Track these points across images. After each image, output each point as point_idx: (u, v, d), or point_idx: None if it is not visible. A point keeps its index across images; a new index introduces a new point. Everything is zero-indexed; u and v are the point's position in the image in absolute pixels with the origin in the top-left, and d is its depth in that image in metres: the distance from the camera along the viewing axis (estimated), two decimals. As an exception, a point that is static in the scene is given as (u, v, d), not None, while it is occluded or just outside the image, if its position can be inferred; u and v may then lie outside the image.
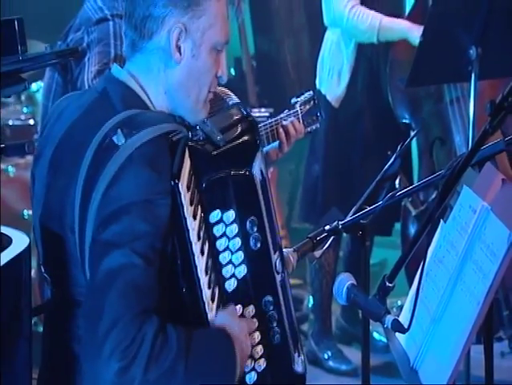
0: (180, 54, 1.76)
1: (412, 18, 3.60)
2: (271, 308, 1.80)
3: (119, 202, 1.61)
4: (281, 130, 2.54)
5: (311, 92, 2.66)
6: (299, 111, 2.59)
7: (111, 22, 2.57)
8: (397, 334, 1.83)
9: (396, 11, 3.65)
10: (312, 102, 2.64)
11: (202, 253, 1.69)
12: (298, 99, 2.62)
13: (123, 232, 1.60)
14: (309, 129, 2.66)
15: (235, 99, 1.91)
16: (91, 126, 1.71)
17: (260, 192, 1.78)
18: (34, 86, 4.13)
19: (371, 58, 3.65)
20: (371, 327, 2.27)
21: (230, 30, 1.85)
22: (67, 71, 2.63)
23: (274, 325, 1.80)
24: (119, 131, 1.65)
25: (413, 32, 3.43)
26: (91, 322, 1.60)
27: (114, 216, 1.61)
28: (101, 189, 1.63)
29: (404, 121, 3.66)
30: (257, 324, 1.77)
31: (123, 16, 1.82)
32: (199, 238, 1.68)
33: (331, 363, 3.80)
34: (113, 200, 1.62)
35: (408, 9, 3.76)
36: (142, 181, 1.62)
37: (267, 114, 4.03)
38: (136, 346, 1.54)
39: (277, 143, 2.58)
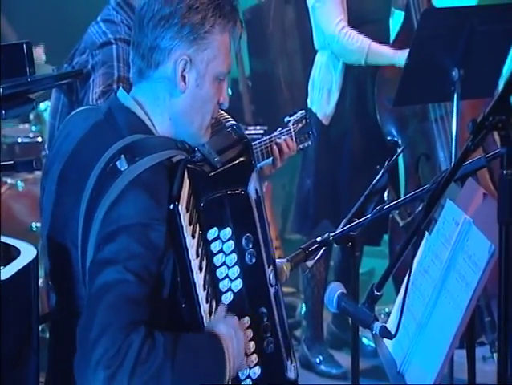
0: (185, 83, 1.76)
1: (397, 42, 3.61)
2: (265, 319, 1.80)
3: (118, 223, 1.61)
4: (275, 147, 2.54)
5: (303, 111, 2.66)
6: (292, 130, 2.59)
7: (114, 46, 2.57)
8: (385, 339, 1.82)
9: (381, 37, 3.66)
10: (304, 120, 2.64)
11: (200, 269, 1.68)
12: (291, 118, 2.62)
13: (119, 251, 1.60)
14: (301, 146, 2.66)
15: (231, 121, 1.91)
16: (97, 147, 1.71)
17: (255, 210, 1.78)
18: (42, 105, 4.13)
19: (358, 78, 3.65)
20: (360, 333, 2.27)
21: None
22: (73, 92, 2.63)
23: (268, 335, 1.80)
24: (122, 156, 1.65)
25: (399, 58, 3.43)
26: (82, 332, 1.59)
27: (112, 236, 1.61)
28: (103, 211, 1.63)
29: (391, 138, 3.65)
30: (249, 322, 1.76)
31: (132, 44, 1.81)
32: (197, 255, 1.68)
33: (322, 367, 3.79)
34: (112, 221, 1.62)
35: (392, 36, 3.76)
36: (140, 206, 1.62)
37: (262, 131, 4.04)
38: (122, 354, 1.53)
39: (270, 159, 2.58)
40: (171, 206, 1.62)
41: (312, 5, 3.61)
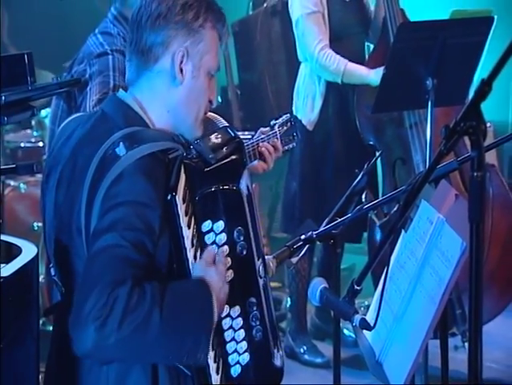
0: (183, 75, 1.77)
1: (375, 54, 3.61)
2: (254, 308, 1.79)
3: (117, 199, 1.61)
4: (263, 149, 2.53)
5: (288, 115, 2.65)
6: (278, 132, 2.58)
7: (110, 56, 2.56)
8: (364, 330, 1.82)
9: (360, 49, 3.66)
10: (289, 123, 2.63)
11: (195, 258, 1.68)
12: (277, 121, 2.61)
13: (117, 220, 1.59)
14: (286, 147, 2.64)
15: (224, 123, 1.91)
16: (96, 140, 1.71)
17: (246, 205, 1.77)
18: (43, 112, 4.11)
19: (340, 87, 3.65)
20: (341, 325, 2.28)
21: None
22: (71, 99, 2.62)
23: (257, 323, 1.79)
24: (121, 144, 1.65)
25: (372, 78, 3.44)
26: (77, 293, 1.58)
27: (110, 208, 1.60)
28: (103, 191, 1.62)
29: (369, 143, 3.65)
30: (228, 264, 1.73)
31: (129, 45, 1.82)
32: (192, 245, 1.68)
33: (306, 357, 3.79)
34: (112, 197, 1.61)
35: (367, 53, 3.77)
36: (139, 187, 1.62)
37: (249, 136, 4.03)
38: (110, 304, 1.51)
39: (256, 161, 2.57)
40: (169, 196, 1.62)
41: (295, 22, 3.61)
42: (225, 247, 1.74)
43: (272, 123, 2.60)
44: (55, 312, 1.90)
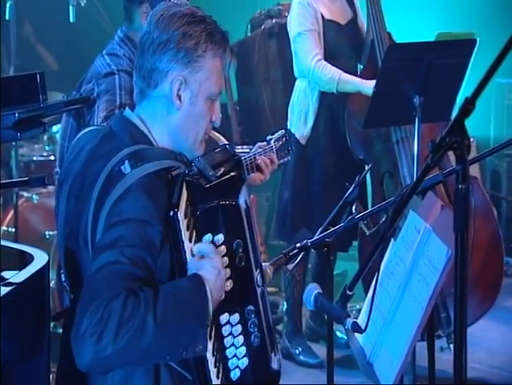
0: (181, 101, 1.75)
1: (364, 73, 3.62)
2: (253, 316, 1.78)
3: (120, 216, 1.60)
4: (260, 161, 2.53)
5: (283, 130, 2.65)
6: (274, 146, 2.58)
7: (116, 76, 2.56)
8: (356, 333, 1.82)
9: (352, 70, 3.67)
10: (284, 138, 2.63)
11: None
12: (273, 136, 2.61)
13: (117, 238, 1.58)
14: (282, 161, 2.64)
15: (225, 141, 1.91)
16: (103, 157, 1.70)
17: (244, 218, 1.77)
18: (54, 128, 4.11)
19: (331, 104, 3.66)
20: (334, 327, 2.27)
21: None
22: (80, 116, 2.62)
23: (255, 330, 1.78)
24: (126, 162, 1.65)
25: (365, 86, 3.45)
26: (77, 310, 1.57)
27: (112, 226, 1.60)
28: (108, 207, 1.62)
29: (359, 157, 3.65)
30: (228, 275, 1.72)
31: (135, 68, 1.81)
32: (193, 257, 1.66)
33: (301, 357, 3.78)
34: (115, 214, 1.61)
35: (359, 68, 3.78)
36: (141, 205, 1.61)
37: (248, 150, 4.03)
38: (105, 319, 1.49)
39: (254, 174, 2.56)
40: (171, 213, 1.61)
41: (293, 38, 3.62)
42: (229, 281, 1.72)
43: (268, 138, 2.60)
44: (64, 317, 1.89)
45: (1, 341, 1.71)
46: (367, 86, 3.40)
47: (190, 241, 1.65)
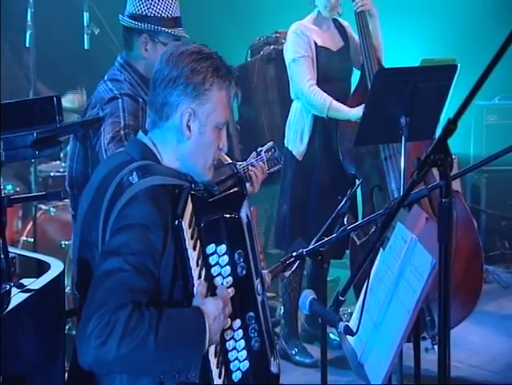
0: (190, 131, 1.75)
1: (355, 95, 3.62)
2: (253, 322, 1.78)
3: (125, 221, 1.61)
4: (251, 173, 2.54)
5: (272, 143, 2.65)
6: (264, 157, 2.59)
7: (120, 100, 2.55)
8: (348, 336, 1.81)
9: (344, 92, 3.67)
10: (273, 149, 2.63)
11: (200, 276, 1.67)
12: (263, 148, 2.62)
13: (122, 245, 1.59)
14: (272, 170, 2.64)
15: (228, 160, 1.92)
16: (115, 169, 1.72)
17: (246, 231, 1.77)
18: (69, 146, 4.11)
19: (325, 124, 3.66)
20: (328, 330, 2.26)
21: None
22: (86, 139, 2.63)
23: (256, 335, 1.78)
24: (134, 173, 1.67)
25: (352, 114, 3.45)
26: (84, 309, 1.57)
27: (118, 231, 1.61)
28: (115, 213, 1.64)
29: (350, 172, 3.65)
30: (231, 294, 1.72)
31: (148, 103, 1.82)
32: (197, 265, 1.66)
33: (297, 358, 3.76)
34: (121, 219, 1.62)
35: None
36: (144, 210, 1.62)
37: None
38: (112, 325, 1.50)
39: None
40: (176, 222, 1.62)
41: (289, 64, 3.64)
42: (231, 288, 1.72)
43: (259, 149, 2.61)
44: (76, 315, 1.89)
45: (22, 343, 1.71)
46: (355, 113, 3.42)
47: (194, 249, 1.65)
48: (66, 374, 2.05)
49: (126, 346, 1.50)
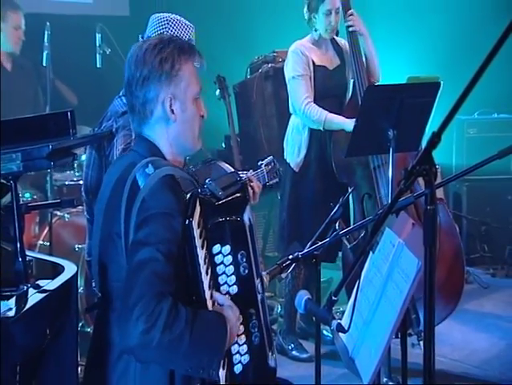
0: (174, 113, 1.76)
1: (347, 109, 3.63)
2: (253, 318, 1.78)
3: (149, 212, 1.62)
4: (252, 184, 2.54)
5: (271, 157, 2.66)
6: (264, 170, 2.60)
7: None
8: (340, 333, 1.80)
9: (339, 107, 3.68)
10: (272, 163, 2.64)
11: (206, 273, 1.68)
12: (263, 162, 2.62)
13: (150, 234, 1.60)
14: (271, 182, 2.64)
15: (231, 169, 1.93)
16: (129, 168, 1.71)
17: (248, 233, 1.77)
18: (83, 157, 4.10)
19: (320, 138, 3.67)
20: (321, 327, 2.25)
21: (222, 116, 1.86)
22: (101, 149, 2.65)
23: (256, 330, 1.78)
24: (149, 165, 1.68)
25: (347, 125, 3.46)
26: (124, 297, 1.58)
27: (145, 221, 1.61)
28: (138, 204, 1.64)
29: (343, 181, 3.66)
30: (241, 319, 1.74)
31: (128, 109, 1.81)
32: (204, 263, 1.67)
33: (293, 353, 3.75)
34: (145, 210, 1.62)
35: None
36: (166, 200, 1.63)
37: (245, 174, 4.03)
38: (156, 315, 1.52)
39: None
40: (187, 221, 1.63)
41: (288, 81, 3.65)
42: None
43: (259, 163, 2.62)
44: (95, 310, 1.88)
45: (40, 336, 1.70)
46: (349, 124, 3.42)
47: (202, 248, 1.66)
48: (80, 369, 2.05)
49: (167, 336, 1.53)
